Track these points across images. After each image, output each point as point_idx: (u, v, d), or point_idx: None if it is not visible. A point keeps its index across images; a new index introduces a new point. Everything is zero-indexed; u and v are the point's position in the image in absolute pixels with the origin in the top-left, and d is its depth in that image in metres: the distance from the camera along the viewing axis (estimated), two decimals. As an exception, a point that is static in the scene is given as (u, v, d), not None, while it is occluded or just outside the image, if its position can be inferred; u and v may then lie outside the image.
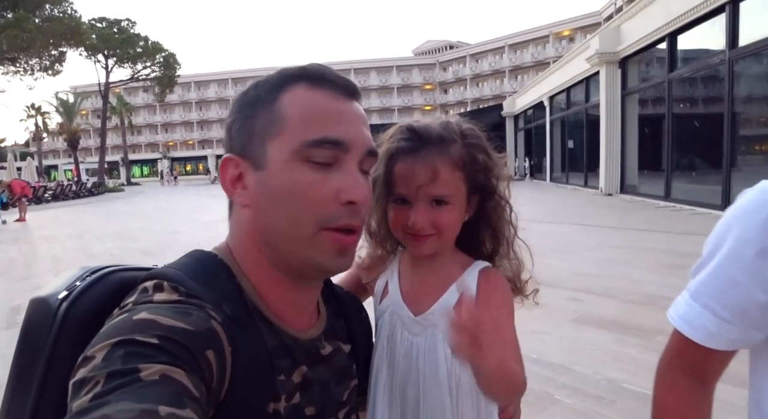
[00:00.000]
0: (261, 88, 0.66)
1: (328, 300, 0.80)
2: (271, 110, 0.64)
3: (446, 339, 0.78)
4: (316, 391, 0.68)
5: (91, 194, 28.48)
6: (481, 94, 57.47)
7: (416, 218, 0.81)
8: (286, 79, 0.65)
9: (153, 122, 69.29)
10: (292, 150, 0.62)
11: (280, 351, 0.64)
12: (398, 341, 0.84)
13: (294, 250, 0.64)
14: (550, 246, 6.90)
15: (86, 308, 0.62)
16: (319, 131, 0.62)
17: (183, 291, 0.58)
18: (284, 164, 0.62)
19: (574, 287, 4.67)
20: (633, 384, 2.67)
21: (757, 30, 8.63)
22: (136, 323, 0.51)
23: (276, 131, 0.63)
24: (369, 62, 65.58)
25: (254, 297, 0.65)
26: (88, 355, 0.48)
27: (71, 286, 0.64)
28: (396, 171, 0.83)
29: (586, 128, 16.99)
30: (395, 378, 0.83)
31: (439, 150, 0.82)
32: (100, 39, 34.87)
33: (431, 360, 0.81)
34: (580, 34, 47.54)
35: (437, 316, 0.82)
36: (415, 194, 0.81)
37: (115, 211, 17.88)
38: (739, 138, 9.68)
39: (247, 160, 0.65)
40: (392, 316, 0.86)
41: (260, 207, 0.65)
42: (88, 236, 10.51)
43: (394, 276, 0.89)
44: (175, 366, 0.47)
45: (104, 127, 39.36)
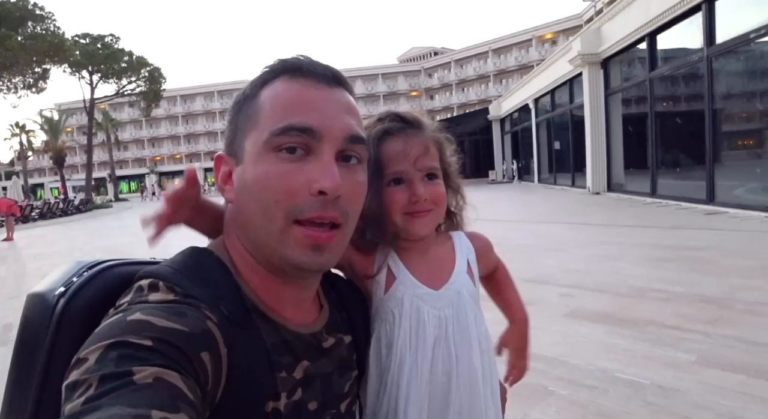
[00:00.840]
0: (248, 87, 0.67)
1: (328, 292, 0.79)
2: (250, 105, 0.64)
3: (471, 302, 0.89)
4: (318, 385, 0.68)
5: (78, 211, 28.19)
6: (466, 99, 57.79)
7: (420, 191, 0.85)
8: (267, 75, 0.66)
9: (139, 136, 68.86)
10: (263, 141, 0.61)
11: (281, 348, 0.64)
12: (426, 320, 0.85)
13: (269, 246, 0.63)
14: (541, 245, 6.98)
15: (84, 305, 0.61)
16: (286, 118, 0.61)
17: (179, 291, 0.57)
18: (257, 156, 0.61)
19: (566, 284, 4.73)
20: (624, 373, 2.72)
21: (733, 27, 8.84)
22: (130, 324, 0.50)
23: (252, 125, 0.63)
24: (354, 71, 65.73)
25: (252, 295, 0.64)
26: (81, 357, 0.47)
27: (68, 282, 0.63)
28: (388, 151, 0.86)
29: (572, 129, 17.18)
30: (423, 361, 0.84)
31: (421, 130, 0.90)
32: (83, 55, 34.64)
33: (461, 326, 0.87)
34: (562, 36, 48.06)
35: (459, 283, 0.89)
36: (412, 168, 0.86)
37: (104, 227, 17.73)
38: (720, 134, 9.85)
39: (232, 156, 0.66)
40: (412, 299, 0.86)
41: (239, 202, 0.65)
42: (78, 253, 10.43)
43: (398, 264, 0.90)
44: (170, 369, 0.46)
45: (90, 143, 38.99)
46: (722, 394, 2.44)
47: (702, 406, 2.34)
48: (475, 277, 0.93)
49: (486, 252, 0.98)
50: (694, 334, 3.21)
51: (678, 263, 5.26)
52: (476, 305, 0.90)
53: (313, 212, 0.60)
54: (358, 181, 0.66)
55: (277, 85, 0.64)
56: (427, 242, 0.91)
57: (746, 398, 2.38)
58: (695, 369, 2.72)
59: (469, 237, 0.97)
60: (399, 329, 0.85)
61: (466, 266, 0.92)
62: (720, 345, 3.02)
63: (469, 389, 0.85)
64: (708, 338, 3.13)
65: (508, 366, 1.02)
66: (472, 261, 0.94)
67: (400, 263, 0.89)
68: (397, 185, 0.86)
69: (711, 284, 4.34)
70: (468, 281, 0.91)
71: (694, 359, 2.84)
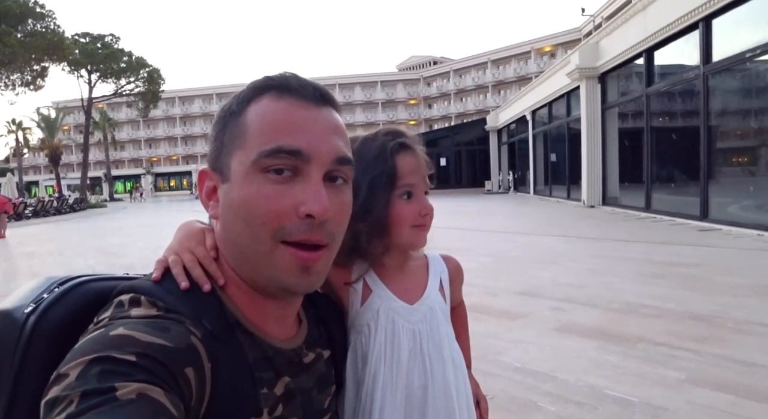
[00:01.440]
0: (234, 102, 0.65)
1: (307, 308, 0.78)
2: (237, 123, 0.63)
3: (443, 318, 0.92)
4: (299, 401, 0.68)
5: (73, 210, 28.04)
6: (464, 108, 58.08)
7: (428, 203, 0.91)
8: (254, 92, 0.64)
9: (136, 137, 68.74)
10: (251, 162, 0.60)
11: (263, 363, 0.63)
12: (401, 333, 0.87)
13: (256, 266, 0.62)
14: (534, 257, 6.98)
15: (55, 322, 0.58)
16: (274, 140, 0.60)
17: (161, 306, 0.56)
18: (244, 176, 0.60)
19: (557, 297, 4.73)
20: (614, 390, 2.71)
21: (729, 46, 8.92)
22: (112, 339, 0.49)
23: (239, 144, 0.62)
24: (354, 77, 66.00)
25: (234, 310, 0.64)
26: (61, 372, 0.46)
27: (38, 299, 0.61)
28: (404, 164, 0.90)
29: (568, 142, 17.25)
30: (399, 375, 0.85)
31: (421, 149, 0.94)
32: (83, 54, 34.64)
33: (435, 340, 0.89)
34: (560, 49, 48.48)
35: (432, 300, 0.93)
36: (421, 183, 0.91)
37: (98, 227, 17.65)
38: (715, 150, 9.92)
39: (217, 173, 0.65)
40: (387, 312, 0.88)
41: (224, 220, 0.64)
42: (70, 253, 10.36)
43: (374, 278, 0.91)
44: (153, 384, 0.46)
45: (87, 142, 38.93)
46: (711, 414, 2.43)
47: (690, 426, 2.34)
48: (446, 296, 0.96)
49: (457, 276, 1.01)
50: (684, 352, 3.20)
51: (670, 280, 5.27)
52: (447, 322, 0.93)
53: (300, 235, 0.60)
54: (344, 202, 0.66)
55: (264, 103, 0.63)
56: (403, 257, 0.95)
57: (735, 418, 2.38)
58: (685, 388, 2.71)
59: (444, 259, 1.01)
60: (374, 341, 0.86)
61: (438, 284, 0.96)
62: (710, 363, 3.02)
63: (444, 402, 0.87)
64: (698, 356, 3.13)
65: None
66: (445, 280, 0.97)
67: (376, 276, 0.92)
68: (409, 199, 0.90)
69: (702, 301, 4.34)
70: (440, 299, 0.94)
71: (684, 377, 2.84)
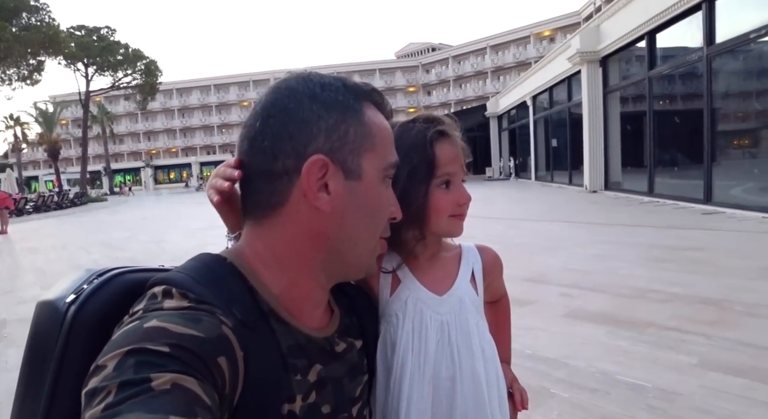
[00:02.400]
0: (338, 94, 0.64)
1: (339, 298, 0.80)
2: (361, 122, 0.65)
3: (472, 310, 0.90)
4: (330, 388, 0.69)
5: (73, 204, 28.05)
6: (464, 95, 57.78)
7: (467, 192, 0.90)
8: (360, 94, 0.67)
9: (135, 130, 68.53)
10: (381, 168, 0.67)
11: (296, 351, 0.64)
12: (429, 324, 0.87)
13: (361, 256, 0.71)
14: (540, 244, 6.97)
15: (95, 313, 0.61)
16: (392, 154, 0.70)
17: (192, 297, 0.57)
18: (376, 180, 0.67)
19: (565, 283, 4.72)
20: (626, 376, 2.71)
21: (733, 27, 8.82)
22: (146, 331, 0.50)
23: (369, 146, 0.66)
24: (352, 65, 65.60)
25: (269, 298, 0.65)
26: (99, 364, 0.48)
27: (78, 289, 0.63)
28: (443, 153, 0.88)
29: (570, 127, 17.18)
30: (426, 365, 0.86)
31: (459, 135, 0.92)
32: (79, 47, 34.41)
33: (464, 332, 0.88)
34: (560, 34, 48.05)
35: (462, 291, 0.91)
36: (459, 171, 0.89)
37: (99, 221, 17.65)
38: (718, 133, 9.87)
39: (337, 165, 0.63)
40: (416, 302, 0.88)
41: (345, 215, 0.65)
42: (73, 247, 10.36)
43: (404, 268, 0.91)
44: (187, 375, 0.47)
45: (85, 136, 38.81)
46: (724, 398, 2.43)
47: (705, 410, 2.33)
48: (478, 287, 0.94)
49: (493, 268, 0.99)
50: (694, 336, 3.20)
51: (676, 264, 5.26)
52: (479, 314, 0.92)
53: (386, 233, 0.74)
54: None
55: (372, 112, 0.68)
56: (434, 248, 0.93)
57: (748, 402, 2.37)
58: (697, 372, 2.71)
59: (479, 250, 0.98)
60: (402, 331, 0.87)
61: (470, 275, 0.94)
62: (721, 347, 3.01)
63: (473, 394, 0.87)
64: (709, 340, 3.12)
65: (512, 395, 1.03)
66: (477, 271, 0.95)
67: (406, 268, 0.91)
68: (447, 188, 0.89)
69: (710, 285, 4.33)
70: (470, 290, 0.92)
71: (696, 362, 2.83)
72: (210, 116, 66.10)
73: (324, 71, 0.69)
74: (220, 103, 65.98)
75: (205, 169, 60.00)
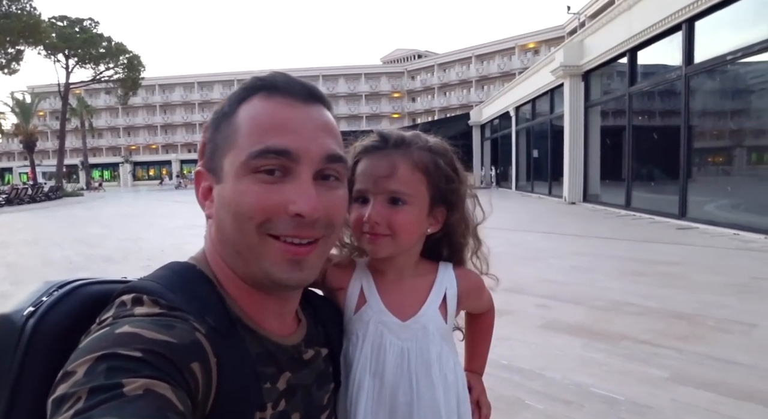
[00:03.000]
0: (226, 103, 0.67)
1: (305, 308, 0.80)
2: (228, 124, 0.64)
3: (436, 338, 0.87)
4: (300, 396, 0.69)
5: (48, 198, 27.44)
6: (448, 103, 58.18)
7: (371, 212, 0.82)
8: (244, 92, 0.66)
9: (115, 124, 67.39)
10: (241, 163, 0.61)
11: (265, 359, 0.64)
12: (387, 349, 0.85)
13: (249, 261, 0.63)
14: (518, 254, 7.04)
15: (55, 325, 0.59)
16: (262, 140, 0.61)
17: (164, 304, 0.57)
18: (235, 176, 0.62)
19: (542, 294, 4.77)
20: (600, 388, 2.75)
21: (711, 48, 9.06)
22: (118, 336, 0.49)
23: (230, 145, 0.63)
24: (337, 69, 65.56)
25: (234, 307, 0.65)
26: (68, 370, 0.47)
27: (37, 302, 0.61)
28: (358, 169, 0.86)
29: (551, 138, 17.41)
30: (383, 388, 0.84)
31: (402, 150, 0.86)
32: (60, 38, 33.78)
33: (424, 361, 0.85)
34: (544, 46, 48.80)
35: (427, 318, 0.87)
36: (372, 188, 0.83)
37: (75, 216, 17.29)
38: (694, 150, 10.10)
39: (211, 173, 0.66)
40: (377, 325, 0.86)
41: (218, 218, 0.65)
42: (46, 243, 10.13)
43: (371, 288, 0.89)
44: (160, 380, 0.47)
45: (63, 129, 38.02)
46: (695, 412, 2.48)
47: (675, 424, 2.38)
48: (448, 315, 0.90)
49: (470, 295, 0.95)
50: (667, 350, 3.26)
51: (651, 278, 5.36)
52: (443, 342, 0.88)
53: (288, 231, 0.62)
54: (337, 195, 0.67)
55: (254, 103, 0.64)
56: (400, 268, 0.90)
57: (717, 416, 2.43)
58: (668, 386, 2.76)
59: (459, 275, 0.93)
60: (360, 352, 0.85)
61: (440, 301, 0.89)
62: (692, 361, 3.08)
63: None
64: (680, 354, 3.19)
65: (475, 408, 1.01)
66: (450, 297, 0.90)
67: (373, 287, 0.89)
68: (363, 203, 0.85)
69: (683, 300, 4.42)
70: (437, 318, 0.88)
71: (667, 375, 2.89)
72: (192, 114, 65.32)
73: (309, 74, 0.68)
74: (203, 101, 65.26)
75: (185, 167, 59.26)
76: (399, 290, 0.89)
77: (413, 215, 0.84)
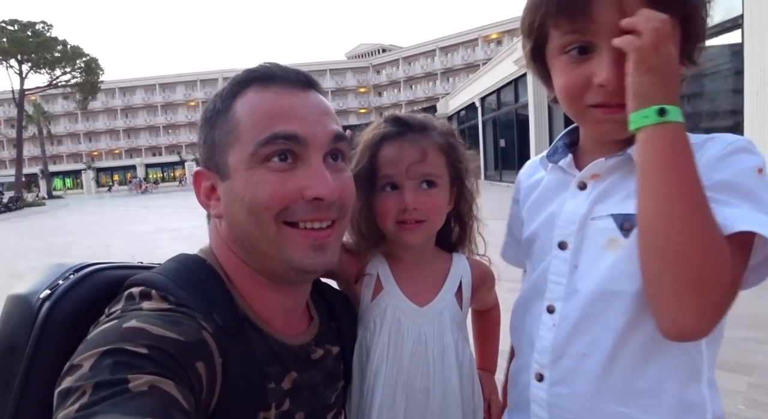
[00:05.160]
0: (217, 101, 0.66)
1: (318, 303, 0.79)
2: (226, 120, 0.64)
3: (453, 324, 0.88)
4: (306, 396, 0.69)
5: (8, 209, 26.48)
6: (414, 96, 58.40)
7: (409, 198, 0.82)
8: (237, 86, 0.65)
9: (75, 130, 65.33)
10: (249, 154, 0.61)
11: (271, 358, 0.65)
12: (406, 334, 0.85)
13: (269, 254, 0.63)
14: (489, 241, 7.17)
15: (70, 310, 0.60)
16: (268, 128, 0.61)
17: (172, 300, 0.57)
18: (246, 170, 0.62)
19: (513, 279, 4.89)
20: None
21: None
22: (125, 331, 0.50)
23: (233, 139, 0.63)
24: (302, 66, 62.32)
25: (243, 304, 0.65)
26: (75, 363, 0.47)
27: (53, 284, 0.62)
28: (383, 155, 0.85)
29: (517, 128, 17.68)
30: (400, 373, 0.84)
31: (425, 134, 0.88)
32: (11, 43, 32.54)
33: (440, 346, 0.87)
34: (507, 37, 49.45)
35: (443, 304, 0.88)
36: (405, 174, 0.83)
37: (38, 226, 16.73)
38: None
39: (213, 172, 0.66)
40: (395, 311, 0.86)
41: (230, 215, 0.65)
42: (9, 255, 9.81)
43: (388, 275, 0.89)
44: (165, 377, 0.47)
45: (20, 137, 36.68)
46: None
47: None
48: (464, 302, 0.91)
49: (484, 283, 0.97)
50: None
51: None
52: (459, 329, 0.89)
53: (307, 216, 0.63)
54: (347, 177, 0.69)
55: (250, 96, 0.64)
56: (420, 254, 0.90)
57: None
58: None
59: (472, 264, 0.95)
60: (378, 338, 0.86)
61: (456, 288, 0.91)
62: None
63: (445, 407, 0.86)
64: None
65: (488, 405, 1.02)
66: (465, 285, 0.92)
67: (390, 274, 0.90)
68: (392, 191, 0.84)
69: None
70: (454, 304, 0.90)
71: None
72: (155, 116, 63.82)
73: None
74: (165, 103, 63.85)
75: (150, 171, 57.92)
76: (416, 277, 0.91)
77: (444, 197, 0.88)
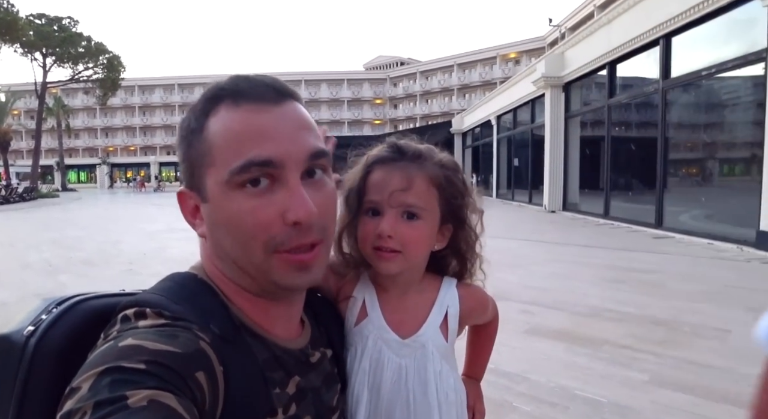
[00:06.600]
0: (191, 118, 0.64)
1: (306, 310, 0.79)
2: (200, 140, 0.62)
3: (436, 357, 0.85)
4: (310, 399, 0.69)
5: (22, 199, 26.81)
6: (430, 110, 58.65)
7: (384, 225, 0.80)
8: (208, 103, 0.63)
9: (93, 125, 66.19)
10: (223, 180, 0.59)
11: (273, 364, 0.64)
12: (386, 365, 0.84)
13: (256, 276, 0.63)
14: (501, 260, 7.15)
15: (56, 343, 0.58)
16: (241, 154, 0.58)
17: (167, 315, 0.56)
18: (221, 195, 0.60)
19: (525, 300, 4.87)
20: (584, 391, 2.84)
21: (687, 63, 9.36)
22: (122, 349, 0.49)
23: (208, 162, 0.61)
24: (320, 74, 65.58)
25: (239, 313, 0.65)
26: (74, 386, 0.47)
27: (36, 320, 0.60)
28: (371, 179, 0.84)
29: (531, 147, 17.69)
30: (380, 403, 0.83)
31: (417, 164, 0.84)
32: (38, 36, 33.16)
33: (421, 380, 0.84)
34: (525, 57, 49.60)
35: (426, 337, 0.86)
36: (387, 200, 0.81)
37: (51, 218, 16.94)
38: (670, 161, 10.39)
39: (195, 191, 0.64)
40: (376, 341, 0.85)
41: (214, 237, 0.64)
42: (21, 245, 9.92)
43: (374, 302, 0.88)
44: (164, 390, 0.46)
45: (39, 129, 37.24)
46: (674, 414, 2.59)
47: (655, 425, 2.48)
48: (449, 333, 0.89)
49: (472, 313, 0.94)
50: (646, 354, 3.38)
51: (629, 285, 5.51)
52: (443, 360, 0.87)
53: (293, 243, 0.61)
54: (327, 192, 0.66)
55: (222, 114, 0.61)
56: (404, 285, 0.88)
57: (694, 417, 2.54)
58: (648, 389, 2.87)
59: (462, 294, 0.92)
60: (359, 365, 0.85)
61: (441, 319, 0.88)
62: (670, 366, 3.20)
63: None
64: (659, 358, 3.31)
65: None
66: (452, 316, 0.89)
67: (376, 301, 0.88)
68: (373, 216, 0.83)
69: (660, 306, 4.57)
70: (438, 337, 0.87)
71: (647, 378, 3.00)
72: (172, 116, 64.51)
73: (292, 78, 0.66)
74: (183, 104, 64.45)
75: (164, 169, 58.45)
76: (401, 307, 0.88)
77: (426, 231, 0.83)
